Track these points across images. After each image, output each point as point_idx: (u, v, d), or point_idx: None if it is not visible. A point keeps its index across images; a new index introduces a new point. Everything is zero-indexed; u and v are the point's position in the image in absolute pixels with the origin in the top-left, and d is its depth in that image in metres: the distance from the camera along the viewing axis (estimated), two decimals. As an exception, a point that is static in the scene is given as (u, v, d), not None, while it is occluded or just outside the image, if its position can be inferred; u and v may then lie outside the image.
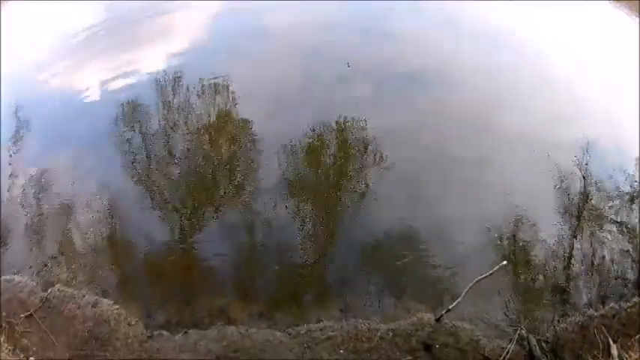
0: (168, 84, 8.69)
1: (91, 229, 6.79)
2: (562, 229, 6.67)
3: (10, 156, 7.93)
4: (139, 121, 8.10)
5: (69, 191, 7.19)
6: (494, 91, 8.38)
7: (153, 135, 7.82)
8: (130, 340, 5.73)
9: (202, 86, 8.51)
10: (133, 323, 5.85)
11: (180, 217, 6.80)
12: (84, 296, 6.14)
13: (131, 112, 8.25)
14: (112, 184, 7.19)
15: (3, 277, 6.36)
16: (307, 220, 6.64)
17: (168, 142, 7.73)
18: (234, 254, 6.40)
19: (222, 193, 7.06)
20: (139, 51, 9.76)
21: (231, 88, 8.41)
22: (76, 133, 8.00)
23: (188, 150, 7.56)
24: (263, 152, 7.39)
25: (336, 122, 7.66)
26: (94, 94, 8.82)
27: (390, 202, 6.71)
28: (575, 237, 6.57)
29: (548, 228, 6.58)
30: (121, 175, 7.33)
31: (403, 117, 7.76)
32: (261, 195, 6.84)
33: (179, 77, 8.74)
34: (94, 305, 6.04)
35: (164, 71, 8.89)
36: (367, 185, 6.92)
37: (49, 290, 6.18)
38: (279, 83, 8.44)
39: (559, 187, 7.04)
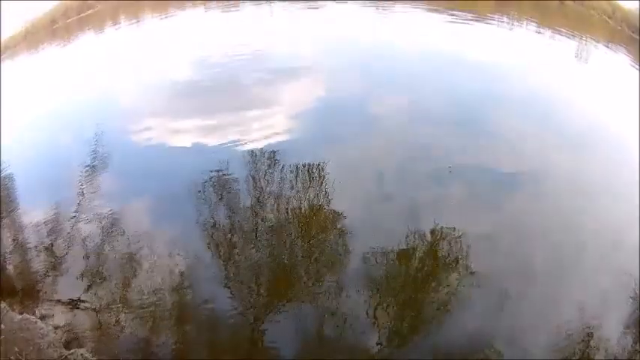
0: (263, 159, 8.51)
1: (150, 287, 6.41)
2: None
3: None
4: (227, 190, 7.92)
5: (138, 241, 7.03)
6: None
7: (238, 207, 7.62)
8: None
9: (297, 168, 8.25)
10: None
11: (250, 298, 6.40)
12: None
13: (219, 179, 8.10)
14: (186, 245, 6.98)
15: (23, 316, 5.79)
16: (385, 323, 6.16)
17: (252, 218, 7.44)
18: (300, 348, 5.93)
19: (300, 282, 6.64)
20: (237, 115, 9.80)
21: (325, 174, 8.13)
22: (160, 187, 8.00)
23: (272, 230, 7.24)
24: (350, 246, 7.02)
25: (431, 231, 7.25)
26: (185, 152, 8.82)
27: (473, 314, 6.21)
28: None
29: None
30: (197, 239, 7.11)
31: (495, 224, 7.42)
32: (341, 292, 6.41)
33: (274, 153, 8.58)
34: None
35: (261, 146, 8.78)
36: (452, 295, 6.45)
37: (72, 351, 5.48)
38: (375, 175, 8.23)
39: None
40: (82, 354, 5.37)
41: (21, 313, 5.77)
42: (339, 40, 12.97)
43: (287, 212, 7.50)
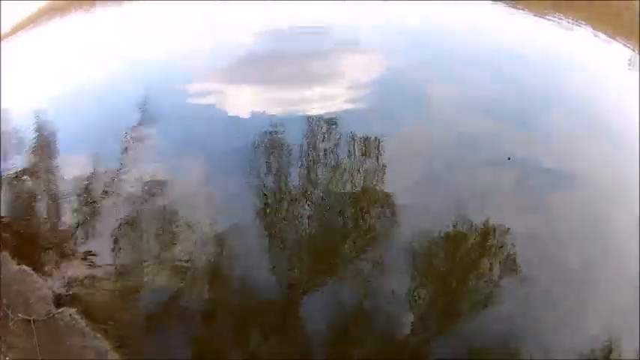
0: (320, 126, 8.27)
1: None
2: None
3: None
4: (280, 154, 7.72)
5: (179, 200, 6.91)
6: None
7: (288, 172, 7.45)
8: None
9: (352, 139, 8.01)
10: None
11: (290, 267, 6.32)
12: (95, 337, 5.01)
13: (272, 142, 7.92)
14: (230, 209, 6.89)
15: (20, 267, 5.62)
16: (422, 308, 6.06)
17: (302, 185, 7.28)
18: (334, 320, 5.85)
19: (343, 257, 6.51)
20: (297, 86, 9.60)
21: (381, 150, 7.88)
22: (209, 146, 7.89)
23: (322, 199, 7.07)
24: (397, 226, 6.82)
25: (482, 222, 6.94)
26: (241, 116, 8.61)
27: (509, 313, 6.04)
28: None
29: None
30: (243, 201, 6.98)
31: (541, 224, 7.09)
32: (382, 271, 6.28)
33: (332, 121, 8.32)
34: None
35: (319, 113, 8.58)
36: (493, 290, 6.27)
37: (61, 310, 5.26)
38: (431, 157, 7.96)
39: None
40: (70, 314, 5.06)
41: (19, 264, 5.32)
42: (402, 20, 12.51)
43: (339, 183, 7.26)
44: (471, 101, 9.29)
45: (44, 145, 8.00)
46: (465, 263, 6.60)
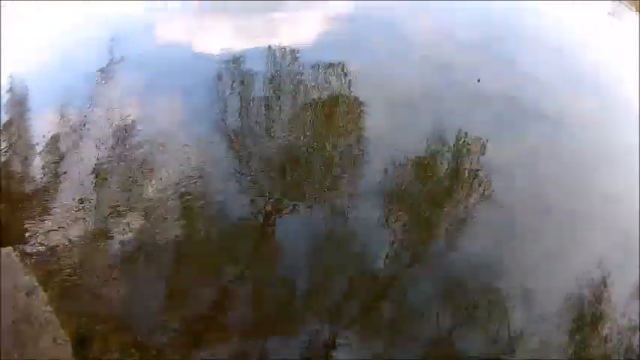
0: (285, 56, 8.10)
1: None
2: None
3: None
4: (242, 88, 7.56)
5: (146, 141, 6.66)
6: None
7: (253, 99, 7.33)
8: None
9: (319, 71, 7.81)
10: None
11: (259, 201, 6.13)
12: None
13: (235, 75, 7.77)
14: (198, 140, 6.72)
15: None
16: (397, 235, 5.95)
17: (268, 114, 7.18)
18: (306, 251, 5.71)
19: (314, 179, 6.45)
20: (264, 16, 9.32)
21: (349, 78, 7.69)
22: (172, 82, 7.63)
23: (290, 128, 6.94)
24: (367, 151, 6.72)
25: (456, 139, 6.91)
26: (207, 50, 8.40)
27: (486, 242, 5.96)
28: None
29: None
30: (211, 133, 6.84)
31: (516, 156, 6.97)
32: (355, 195, 6.18)
33: (296, 52, 8.14)
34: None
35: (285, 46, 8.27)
36: (469, 216, 6.22)
37: None
38: (401, 84, 7.74)
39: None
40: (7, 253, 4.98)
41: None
42: None
43: (305, 105, 7.25)
44: (447, 31, 9.08)
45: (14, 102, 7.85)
46: (440, 189, 6.52)
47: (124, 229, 5.67)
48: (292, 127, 6.94)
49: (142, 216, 5.84)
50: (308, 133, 6.93)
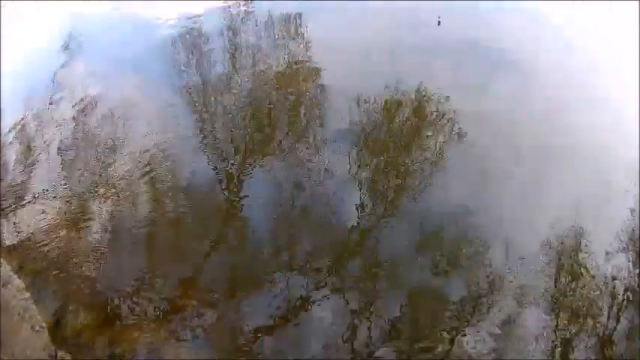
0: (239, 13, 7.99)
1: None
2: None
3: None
4: (199, 49, 7.42)
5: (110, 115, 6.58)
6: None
7: (212, 63, 7.21)
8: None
9: (274, 24, 7.76)
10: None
11: (225, 161, 6.04)
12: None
13: (191, 38, 7.63)
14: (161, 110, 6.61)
15: None
16: (366, 184, 5.82)
17: (229, 77, 7.00)
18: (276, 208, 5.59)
19: (278, 137, 6.29)
20: None
21: (305, 33, 7.57)
22: (130, 54, 7.48)
23: (248, 84, 6.83)
24: (329, 100, 6.57)
25: (416, 90, 6.76)
26: (156, 18, 8.18)
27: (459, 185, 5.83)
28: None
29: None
30: (170, 100, 6.72)
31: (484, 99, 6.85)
32: (321, 147, 6.07)
33: (250, 12, 8.01)
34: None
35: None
36: (438, 158, 6.12)
37: None
38: (360, 38, 7.53)
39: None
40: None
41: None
42: None
43: (265, 66, 7.02)
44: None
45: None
46: (407, 131, 6.39)
47: (93, 209, 5.56)
48: (253, 81, 6.82)
49: (111, 191, 5.72)
50: (269, 87, 6.75)
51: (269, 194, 5.67)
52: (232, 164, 5.94)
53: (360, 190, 5.74)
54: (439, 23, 7.60)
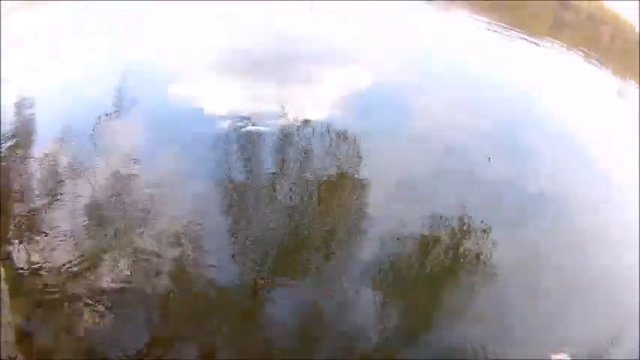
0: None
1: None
2: None
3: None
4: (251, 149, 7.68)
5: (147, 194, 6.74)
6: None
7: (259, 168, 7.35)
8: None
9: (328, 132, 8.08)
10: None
11: (255, 266, 6.03)
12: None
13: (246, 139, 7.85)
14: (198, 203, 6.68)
15: None
16: (389, 320, 5.75)
17: (272, 181, 7.16)
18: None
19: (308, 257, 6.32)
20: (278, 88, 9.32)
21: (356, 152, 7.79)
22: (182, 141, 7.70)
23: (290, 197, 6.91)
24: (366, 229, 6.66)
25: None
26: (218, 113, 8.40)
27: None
28: None
29: None
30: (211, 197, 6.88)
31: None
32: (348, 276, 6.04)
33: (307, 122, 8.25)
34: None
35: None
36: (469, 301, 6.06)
37: None
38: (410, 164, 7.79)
39: None
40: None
41: None
42: (386, 30, 12.26)
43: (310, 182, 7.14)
44: (452, 113, 9.15)
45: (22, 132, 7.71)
46: (440, 271, 6.36)
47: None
48: (294, 197, 6.90)
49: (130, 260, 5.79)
50: (309, 207, 6.87)
51: (289, 313, 5.63)
52: (256, 276, 5.91)
53: (382, 325, 5.62)
54: (489, 160, 7.91)
